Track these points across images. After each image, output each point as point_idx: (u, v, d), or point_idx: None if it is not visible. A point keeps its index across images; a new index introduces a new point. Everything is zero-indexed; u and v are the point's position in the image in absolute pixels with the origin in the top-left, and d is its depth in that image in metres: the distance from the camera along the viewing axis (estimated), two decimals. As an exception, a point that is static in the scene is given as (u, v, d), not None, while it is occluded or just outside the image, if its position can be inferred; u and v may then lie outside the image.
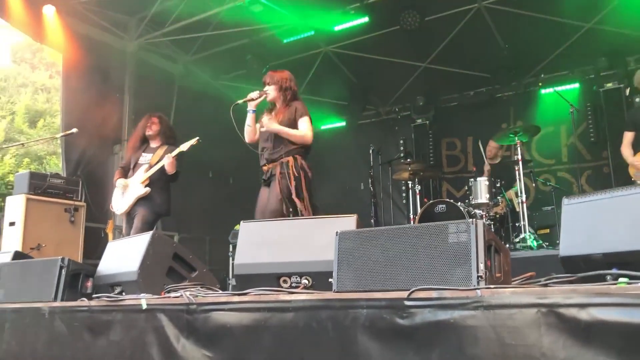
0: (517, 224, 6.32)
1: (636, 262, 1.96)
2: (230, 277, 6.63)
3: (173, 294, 2.80)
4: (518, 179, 6.23)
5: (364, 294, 2.17)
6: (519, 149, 6.23)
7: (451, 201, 6.71)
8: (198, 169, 6.52)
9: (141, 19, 8.18)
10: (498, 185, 6.60)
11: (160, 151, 5.19)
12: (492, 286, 1.99)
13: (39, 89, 18.81)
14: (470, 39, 7.89)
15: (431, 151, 9.35)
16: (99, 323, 2.92)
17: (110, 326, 2.86)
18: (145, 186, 5.02)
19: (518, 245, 5.95)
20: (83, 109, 7.39)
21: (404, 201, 8.98)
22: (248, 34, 8.17)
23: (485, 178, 6.62)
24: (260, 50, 8.35)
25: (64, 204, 6.28)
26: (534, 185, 7.84)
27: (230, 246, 6.88)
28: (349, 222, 2.72)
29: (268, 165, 4.25)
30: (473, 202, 6.53)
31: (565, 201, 2.36)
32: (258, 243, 2.92)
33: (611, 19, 7.17)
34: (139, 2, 7.78)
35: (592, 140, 8.08)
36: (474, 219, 2.11)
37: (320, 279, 2.61)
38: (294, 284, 2.73)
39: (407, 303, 2.00)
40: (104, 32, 8.00)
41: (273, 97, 4.41)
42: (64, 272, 3.30)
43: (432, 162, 9.17)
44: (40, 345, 3.17)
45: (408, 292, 2.01)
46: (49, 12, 7.14)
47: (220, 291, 3.07)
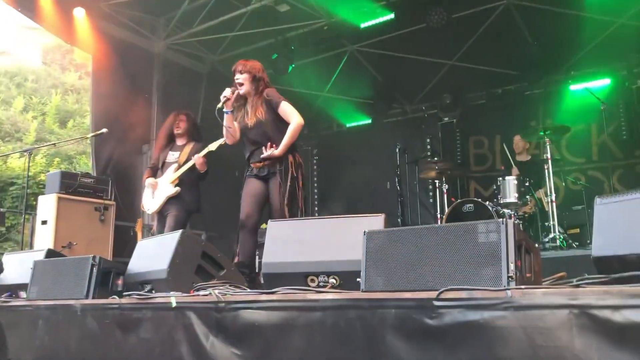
0: (546, 223, 6.23)
1: (672, 263, 1.92)
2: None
3: (202, 292, 2.82)
4: (547, 178, 6.14)
5: (392, 293, 2.16)
6: (548, 147, 6.13)
7: (479, 200, 6.64)
8: (225, 167, 6.55)
9: (169, 19, 8.29)
10: (527, 184, 6.50)
11: (187, 149, 5.22)
12: (523, 286, 1.96)
13: (69, 89, 19.12)
14: (498, 36, 7.80)
15: (458, 150, 9.26)
16: (130, 320, 2.96)
17: (141, 324, 2.90)
18: (175, 186, 5.07)
19: (547, 245, 5.87)
20: (112, 109, 7.52)
21: (431, 200, 8.91)
22: (274, 33, 8.21)
23: (514, 177, 6.54)
24: (286, 49, 8.38)
25: (94, 202, 6.38)
26: (563, 184, 7.72)
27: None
28: (376, 222, 2.71)
29: (265, 162, 4.21)
30: (501, 202, 6.45)
31: (598, 201, 2.32)
32: (285, 242, 2.93)
33: (644, 14, 7.02)
34: (166, 3, 7.88)
35: (624, 138, 7.91)
36: (504, 219, 2.09)
37: (348, 279, 2.61)
38: (321, 284, 2.73)
39: (437, 303, 1.99)
40: (132, 33, 8.12)
41: (247, 89, 4.27)
42: (95, 270, 3.36)
43: (459, 161, 9.08)
44: (72, 341, 3.23)
45: (437, 292, 2.00)
46: (79, 14, 7.28)
47: (249, 290, 3.09)
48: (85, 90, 18.26)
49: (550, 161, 6.18)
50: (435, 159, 7.52)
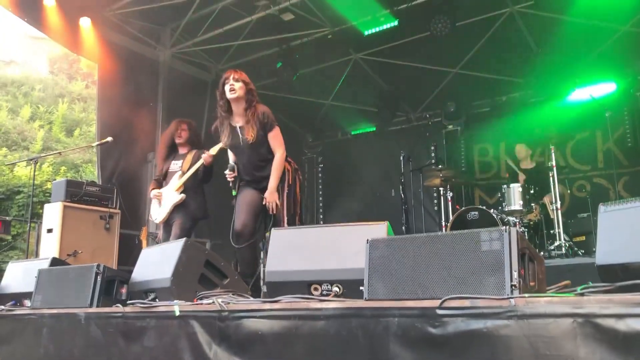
0: (551, 231, 6.22)
1: (677, 271, 1.91)
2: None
3: (205, 301, 2.83)
4: (552, 186, 6.13)
5: (395, 302, 2.15)
6: (553, 154, 6.12)
7: (484, 208, 6.63)
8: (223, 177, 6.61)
9: (174, 29, 8.35)
10: (532, 191, 6.49)
11: (190, 157, 5.22)
12: (526, 295, 1.95)
13: (76, 98, 19.24)
14: (502, 43, 7.80)
15: (463, 157, 9.26)
16: (133, 329, 2.97)
17: (144, 332, 2.90)
18: (180, 193, 5.08)
19: (553, 253, 5.85)
20: (118, 117, 7.56)
21: (436, 208, 8.89)
22: (279, 42, 8.25)
23: (519, 184, 6.53)
24: (291, 58, 8.41)
25: (99, 211, 6.40)
26: (568, 191, 7.70)
27: (262, 253, 6.91)
28: (380, 230, 2.71)
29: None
30: (506, 209, 6.44)
31: (601, 208, 2.31)
32: (289, 250, 2.93)
33: (648, 21, 7.02)
34: (171, 13, 7.93)
35: (630, 145, 7.89)
36: (507, 227, 2.08)
37: (351, 287, 2.61)
38: (324, 292, 2.73)
39: (440, 312, 1.98)
40: (137, 42, 8.18)
41: (239, 95, 4.17)
42: (99, 278, 3.37)
43: (463, 169, 9.08)
44: (76, 350, 3.23)
45: (440, 301, 1.99)
46: (85, 24, 7.35)
47: (252, 298, 3.09)
48: (91, 98, 18.36)
49: (555, 168, 6.17)
50: (440, 166, 7.51)
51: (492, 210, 6.53)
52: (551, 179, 6.22)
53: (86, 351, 3.18)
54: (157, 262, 3.36)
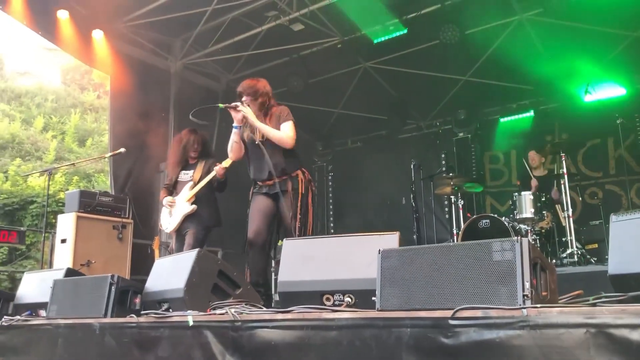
0: (563, 238, 6.18)
1: (690, 281, 1.91)
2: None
3: (218, 311, 2.84)
4: (564, 193, 6.10)
5: (408, 312, 2.16)
6: (564, 162, 6.11)
7: (495, 216, 6.61)
8: (241, 184, 6.63)
9: (185, 40, 8.43)
10: (543, 199, 6.47)
11: (200, 166, 5.24)
12: (539, 305, 1.95)
13: (88, 109, 19.45)
14: (512, 51, 7.79)
15: (474, 165, 9.24)
16: (147, 339, 2.99)
17: (158, 342, 2.92)
18: (191, 203, 5.11)
19: (565, 261, 5.82)
20: (130, 128, 7.63)
21: (447, 216, 8.88)
22: (289, 52, 8.31)
23: (530, 192, 6.51)
24: (301, 68, 8.46)
25: (112, 221, 6.45)
26: (580, 198, 7.66)
27: (273, 262, 6.93)
28: (391, 240, 2.72)
29: (275, 179, 4.16)
30: (518, 217, 6.42)
31: (613, 218, 2.31)
32: (301, 260, 2.94)
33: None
34: (182, 24, 8.01)
35: (642, 152, 7.85)
36: (518, 237, 2.09)
37: (363, 297, 2.62)
38: (337, 302, 2.74)
39: (452, 322, 1.98)
40: (149, 53, 8.27)
41: (254, 108, 4.25)
42: (113, 289, 3.40)
43: (474, 176, 9.06)
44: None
45: (453, 311, 2.00)
46: (97, 36, 7.45)
47: (265, 308, 3.11)
48: (103, 109, 18.55)
49: (566, 176, 6.15)
50: (451, 174, 7.50)
51: (503, 218, 6.51)
52: (562, 186, 6.19)
53: (101, 361, 3.21)
54: (171, 272, 3.38)
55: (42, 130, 17.28)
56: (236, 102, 4.28)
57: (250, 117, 4.18)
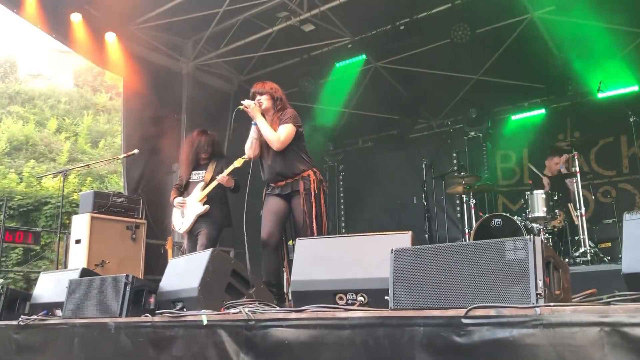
0: (576, 237, 6.15)
1: None
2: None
3: (232, 310, 2.87)
4: (576, 192, 6.07)
5: (420, 311, 2.17)
6: (576, 161, 6.07)
7: (507, 215, 6.57)
8: (253, 184, 6.67)
9: (197, 41, 8.49)
10: (555, 198, 6.43)
11: (212, 167, 5.27)
12: (552, 304, 1.95)
13: (100, 110, 19.62)
14: (524, 49, 7.76)
15: (486, 164, 9.21)
16: (162, 338, 3.01)
17: (173, 342, 2.95)
18: (203, 204, 5.14)
19: (578, 260, 5.79)
20: (142, 129, 7.70)
21: (459, 215, 8.85)
22: (300, 52, 8.33)
23: (542, 191, 6.47)
24: (312, 68, 8.49)
25: (126, 221, 6.49)
26: (593, 197, 7.61)
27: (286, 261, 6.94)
28: (404, 239, 2.73)
29: (287, 180, 4.23)
30: (530, 216, 6.38)
31: (627, 216, 2.31)
32: (314, 260, 2.96)
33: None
34: (194, 25, 8.06)
35: (656, 150, 7.77)
36: (531, 236, 2.09)
37: (376, 297, 2.63)
38: (349, 301, 2.75)
39: (465, 321, 1.99)
40: (161, 55, 8.34)
41: (266, 106, 4.34)
42: (128, 288, 3.43)
43: (486, 175, 9.03)
44: (106, 359, 3.30)
45: (466, 310, 2.00)
46: (110, 38, 7.52)
47: (278, 308, 3.13)
48: (115, 110, 18.70)
49: (579, 175, 6.11)
50: (462, 173, 7.47)
51: (515, 217, 6.48)
52: (575, 185, 6.16)
53: (116, 360, 3.24)
54: (185, 272, 3.41)
55: (56, 132, 17.45)
56: (249, 101, 4.30)
57: (253, 114, 4.24)
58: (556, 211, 6.39)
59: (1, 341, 4.04)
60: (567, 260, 5.89)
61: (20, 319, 3.91)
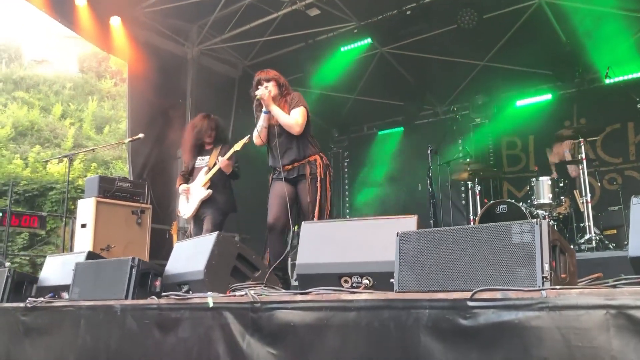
0: (581, 224, 6.14)
1: None
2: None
3: (238, 293, 2.88)
4: (582, 179, 6.05)
5: (426, 294, 2.17)
6: (582, 147, 6.05)
7: (512, 201, 6.57)
8: (258, 170, 6.67)
9: (202, 26, 8.45)
10: (561, 184, 6.42)
11: (216, 152, 5.26)
12: (558, 287, 1.95)
13: (105, 96, 19.61)
14: (531, 35, 7.70)
15: (491, 150, 9.18)
16: (168, 320, 3.03)
17: (179, 323, 2.97)
18: (207, 189, 5.15)
19: (583, 247, 5.78)
20: (147, 114, 7.70)
21: (464, 202, 8.84)
22: (305, 37, 8.29)
23: (548, 178, 6.45)
24: (317, 53, 8.44)
25: (131, 206, 6.52)
26: (599, 184, 7.58)
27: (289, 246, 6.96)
28: (409, 223, 2.73)
29: (294, 164, 4.27)
30: (535, 203, 6.38)
31: (634, 200, 2.29)
32: (319, 243, 2.96)
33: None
34: (199, 10, 8.02)
35: (663, 137, 7.73)
36: (538, 219, 2.08)
37: (381, 280, 2.63)
38: (355, 284, 2.75)
39: (470, 304, 1.99)
40: (166, 40, 8.31)
41: (274, 93, 4.37)
42: (134, 271, 3.45)
43: (492, 162, 9.00)
44: (113, 341, 3.32)
45: (471, 293, 2.00)
46: (115, 23, 7.49)
47: (283, 290, 3.14)
48: (120, 96, 18.69)
49: (585, 162, 6.09)
50: (468, 160, 7.45)
51: (520, 203, 6.47)
52: (581, 171, 6.14)
53: (122, 342, 3.26)
54: (191, 255, 3.43)
55: (61, 117, 17.47)
56: (262, 90, 4.31)
57: (268, 103, 4.24)
58: (562, 198, 6.37)
59: (8, 323, 4.08)
60: (572, 247, 5.88)
61: (27, 301, 3.94)
